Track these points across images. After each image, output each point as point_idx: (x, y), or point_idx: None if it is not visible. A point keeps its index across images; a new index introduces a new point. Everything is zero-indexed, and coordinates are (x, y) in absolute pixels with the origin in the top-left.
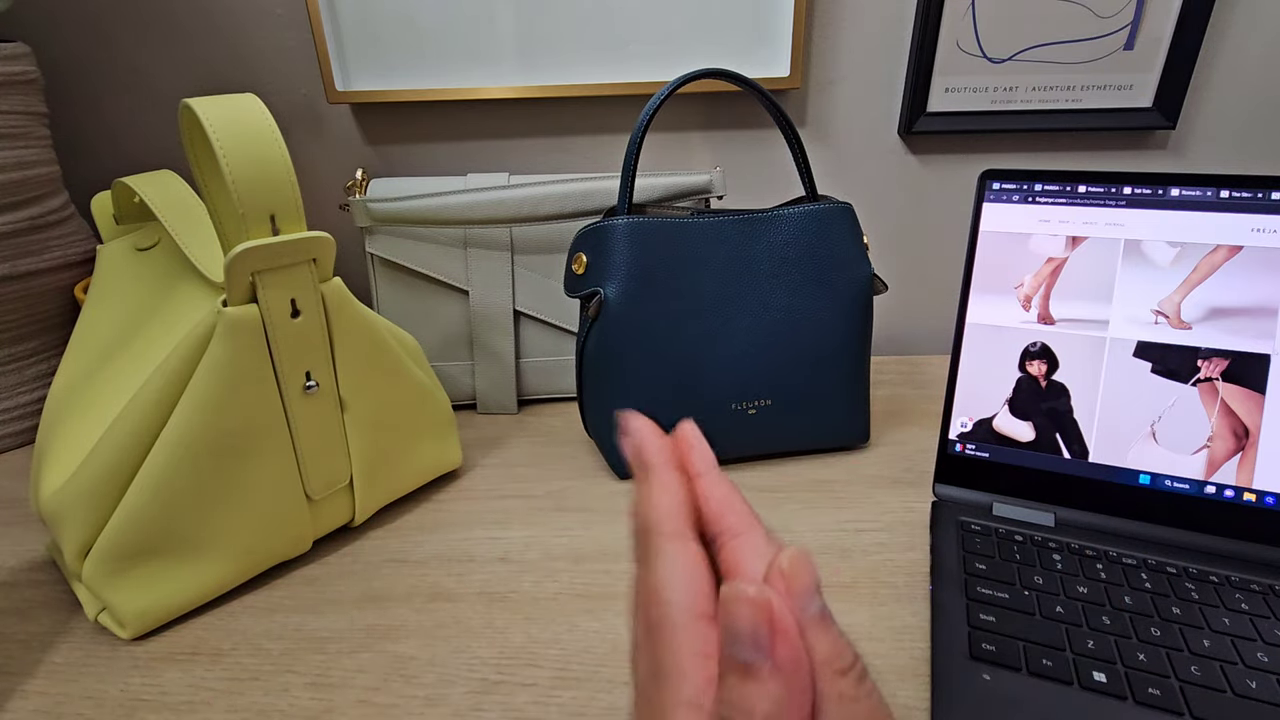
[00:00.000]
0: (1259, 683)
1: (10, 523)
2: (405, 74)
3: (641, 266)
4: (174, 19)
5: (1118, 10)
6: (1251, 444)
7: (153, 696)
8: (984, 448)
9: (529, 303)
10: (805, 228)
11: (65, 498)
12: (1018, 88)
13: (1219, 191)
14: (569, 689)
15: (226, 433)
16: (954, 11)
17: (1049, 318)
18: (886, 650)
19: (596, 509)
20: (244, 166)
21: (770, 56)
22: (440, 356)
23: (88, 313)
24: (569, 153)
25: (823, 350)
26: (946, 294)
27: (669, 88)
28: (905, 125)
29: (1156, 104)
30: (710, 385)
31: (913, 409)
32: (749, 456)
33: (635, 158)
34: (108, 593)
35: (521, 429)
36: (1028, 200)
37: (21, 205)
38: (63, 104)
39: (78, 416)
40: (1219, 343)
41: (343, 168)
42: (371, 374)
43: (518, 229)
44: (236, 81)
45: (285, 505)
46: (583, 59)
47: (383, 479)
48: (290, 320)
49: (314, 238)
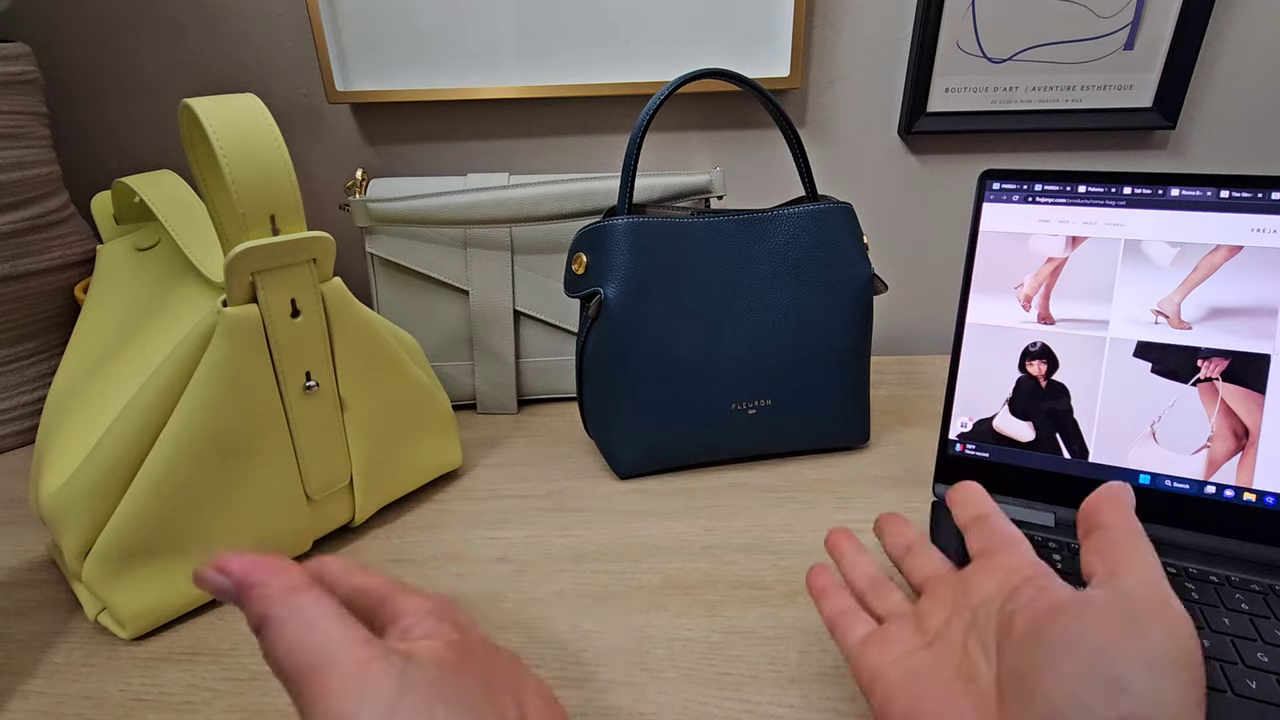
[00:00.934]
0: (1259, 683)
1: (10, 523)
2: (405, 74)
3: (642, 266)
4: (174, 19)
5: (1118, 10)
6: (1251, 444)
7: (153, 696)
8: (984, 448)
9: (529, 303)
10: (805, 228)
11: (65, 498)
12: (1018, 88)
13: (1219, 191)
14: (569, 689)
15: (226, 433)
16: (954, 11)
17: (1049, 318)
18: None
19: (596, 509)
20: (244, 166)
21: (770, 56)
22: (440, 356)
23: (88, 313)
24: (569, 153)
25: (823, 350)
26: (946, 294)
27: (669, 88)
28: (905, 125)
29: (1156, 104)
30: (710, 385)
31: (913, 409)
32: (749, 456)
33: (635, 158)
34: (108, 593)
35: (521, 429)
36: (1028, 200)
37: (21, 205)
38: (63, 104)
39: (78, 416)
40: (1219, 343)
41: (343, 168)
42: (371, 374)
43: (518, 229)
44: (236, 81)
45: (285, 505)
46: (583, 59)
47: (383, 479)
48: (290, 320)
49: (314, 238)
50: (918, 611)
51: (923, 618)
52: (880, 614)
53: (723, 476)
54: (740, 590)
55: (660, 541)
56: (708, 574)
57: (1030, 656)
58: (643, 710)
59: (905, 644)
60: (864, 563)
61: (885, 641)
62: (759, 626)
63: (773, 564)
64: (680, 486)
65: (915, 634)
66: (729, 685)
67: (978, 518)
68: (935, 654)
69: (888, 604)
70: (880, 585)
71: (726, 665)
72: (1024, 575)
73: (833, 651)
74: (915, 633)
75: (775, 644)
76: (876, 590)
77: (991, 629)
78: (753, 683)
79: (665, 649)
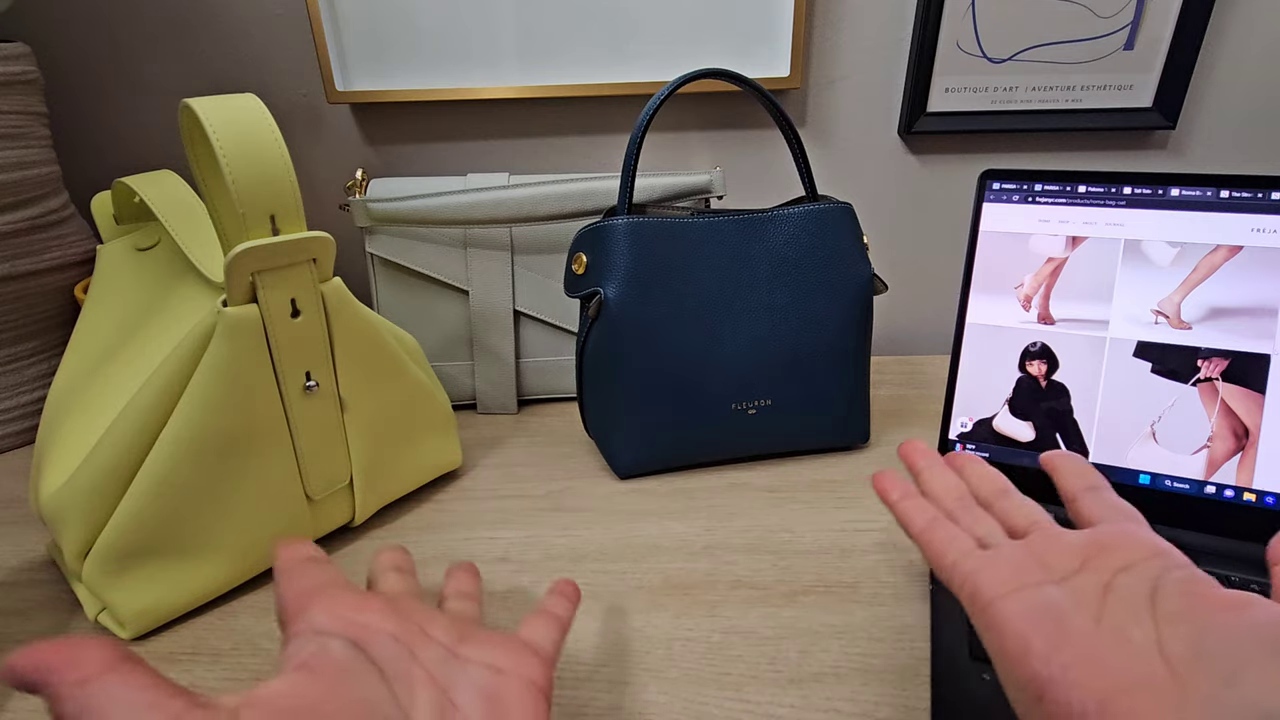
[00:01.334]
0: None
1: (10, 523)
2: (405, 74)
3: (641, 266)
4: (174, 19)
5: (1118, 10)
6: (1251, 444)
7: None
8: (984, 448)
9: (529, 303)
10: (805, 228)
11: (65, 498)
12: (1018, 88)
13: (1219, 191)
14: (569, 689)
15: (226, 433)
16: (954, 11)
17: (1049, 318)
18: (887, 650)
19: (596, 509)
20: (244, 166)
21: (770, 56)
22: (440, 356)
23: (88, 313)
24: (569, 153)
25: (823, 350)
26: (946, 294)
27: (669, 88)
28: (905, 125)
29: (1156, 104)
30: (710, 385)
31: (913, 409)
32: (749, 456)
33: (635, 158)
34: (108, 593)
35: (521, 429)
36: (1028, 200)
37: (21, 205)
38: (63, 104)
39: (78, 416)
40: (1219, 343)
41: (343, 168)
42: (371, 374)
43: (518, 229)
44: (236, 81)
45: (285, 505)
46: (583, 59)
47: (383, 479)
48: (290, 320)
49: (314, 238)
50: (1032, 548)
51: (1041, 555)
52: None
53: (723, 476)
54: (740, 590)
55: (660, 541)
56: (708, 574)
57: (1232, 646)
58: (643, 710)
59: (1030, 573)
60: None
61: (1005, 564)
62: (759, 626)
63: (773, 564)
64: (680, 486)
65: (1039, 568)
66: (729, 685)
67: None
68: (1069, 596)
69: (984, 528)
70: (972, 508)
71: (726, 665)
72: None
73: (833, 651)
74: (1038, 567)
75: (775, 644)
76: (969, 512)
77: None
78: (753, 683)
79: (665, 649)
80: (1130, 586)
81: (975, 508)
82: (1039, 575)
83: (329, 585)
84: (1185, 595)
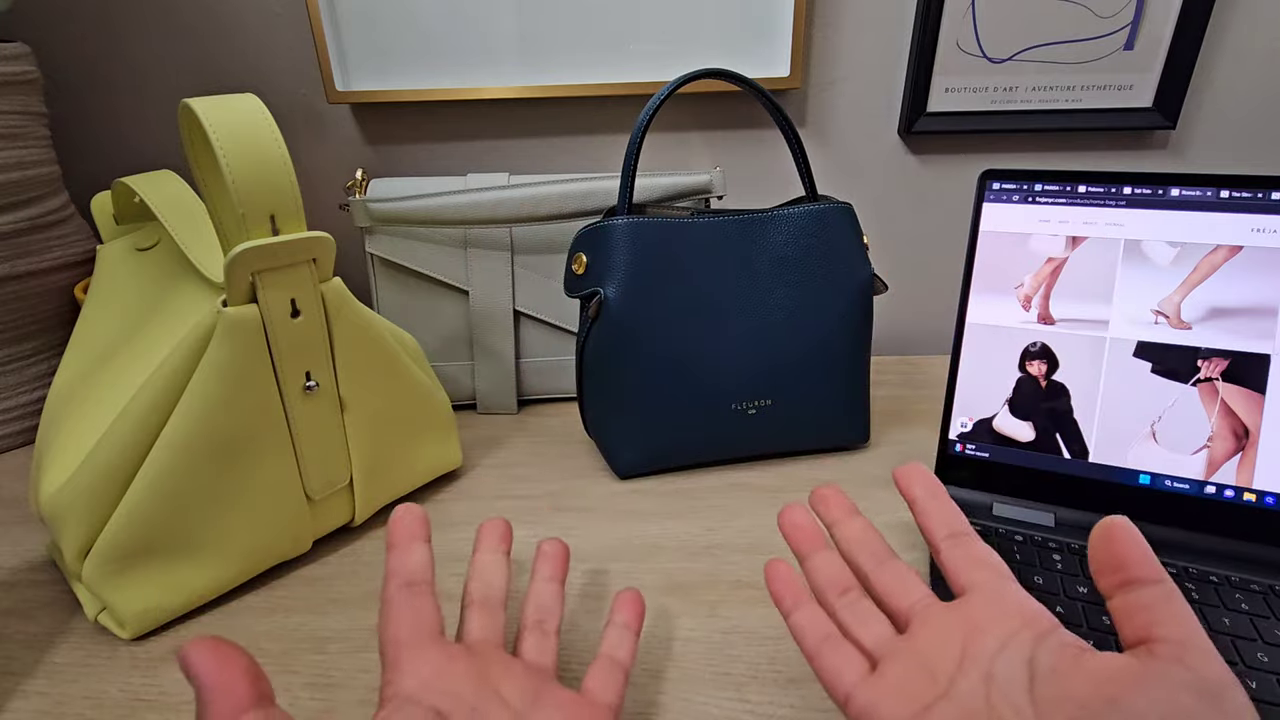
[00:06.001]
0: (1259, 683)
1: (10, 523)
2: (405, 74)
3: (641, 267)
4: (174, 19)
5: (1118, 10)
6: (1251, 444)
7: (153, 696)
8: (984, 448)
9: (529, 303)
10: (805, 228)
11: (65, 498)
12: (1018, 88)
13: (1219, 191)
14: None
15: (226, 433)
16: (954, 11)
17: (1049, 318)
18: None
19: (596, 509)
20: (244, 166)
21: (770, 56)
22: (440, 356)
23: (87, 313)
24: (569, 153)
25: (823, 350)
26: (946, 294)
27: (669, 88)
28: (905, 125)
29: (1156, 104)
30: (710, 385)
31: (913, 409)
32: (749, 456)
33: (635, 158)
34: (108, 593)
35: (521, 429)
36: (1028, 200)
37: (21, 205)
38: (63, 104)
39: (78, 416)
40: (1219, 343)
41: (343, 168)
42: (371, 374)
43: (518, 229)
44: (236, 81)
45: (285, 505)
46: (583, 59)
47: (383, 479)
48: (290, 320)
49: (314, 238)
50: (916, 650)
51: (925, 658)
52: (866, 645)
53: (723, 476)
54: (741, 590)
55: (661, 541)
56: (708, 574)
57: None
58: (643, 710)
59: (919, 695)
60: (834, 566)
61: (895, 689)
62: (759, 626)
63: None
64: (680, 486)
65: (927, 682)
66: (729, 685)
67: (953, 535)
68: (957, 708)
69: (872, 634)
70: (857, 604)
71: (726, 665)
72: (1041, 625)
73: None
74: (927, 681)
75: (775, 644)
76: (854, 610)
77: (1020, 684)
78: (753, 683)
79: (665, 649)
80: (1008, 675)
81: (860, 602)
82: (928, 691)
83: (419, 637)
84: (1058, 675)
